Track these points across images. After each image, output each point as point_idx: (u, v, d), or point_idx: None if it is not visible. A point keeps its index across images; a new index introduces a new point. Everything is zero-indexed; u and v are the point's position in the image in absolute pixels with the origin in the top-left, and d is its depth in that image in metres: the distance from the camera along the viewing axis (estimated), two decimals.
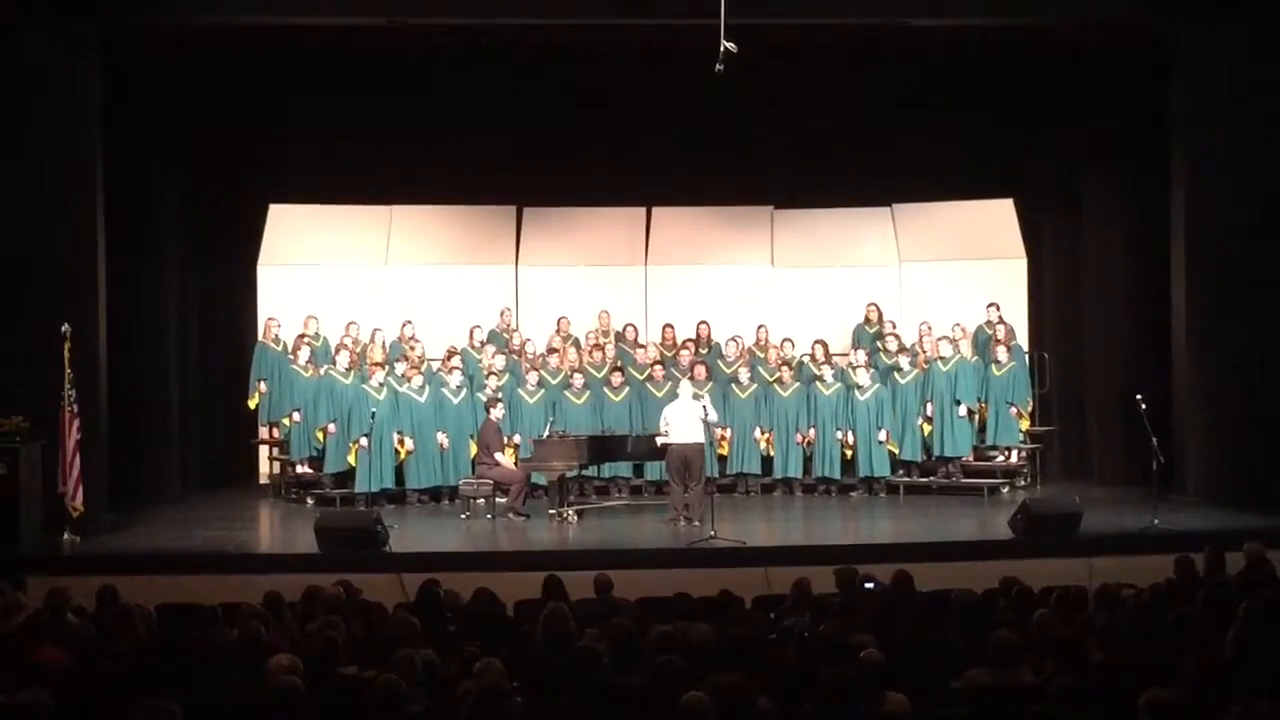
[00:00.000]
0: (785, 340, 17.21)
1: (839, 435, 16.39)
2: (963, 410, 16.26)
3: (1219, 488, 15.07)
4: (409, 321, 17.17)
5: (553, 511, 14.97)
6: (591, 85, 17.69)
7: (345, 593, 9.29)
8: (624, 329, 17.69)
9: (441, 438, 15.97)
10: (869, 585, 9.45)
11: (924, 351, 16.81)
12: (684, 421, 14.45)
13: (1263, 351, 15.01)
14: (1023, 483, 16.67)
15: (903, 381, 16.45)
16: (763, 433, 16.55)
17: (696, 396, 14.81)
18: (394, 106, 17.72)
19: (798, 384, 16.63)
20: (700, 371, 16.19)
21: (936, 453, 16.47)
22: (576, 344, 17.31)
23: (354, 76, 17.41)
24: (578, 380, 16.42)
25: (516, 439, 16.09)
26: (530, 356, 16.86)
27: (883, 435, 16.28)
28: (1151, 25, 15.68)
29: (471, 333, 17.19)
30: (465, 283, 18.06)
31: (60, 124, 14.41)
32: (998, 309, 17.04)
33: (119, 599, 9.07)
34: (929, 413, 16.37)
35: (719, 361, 17.08)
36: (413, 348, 16.74)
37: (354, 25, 15.57)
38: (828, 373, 16.61)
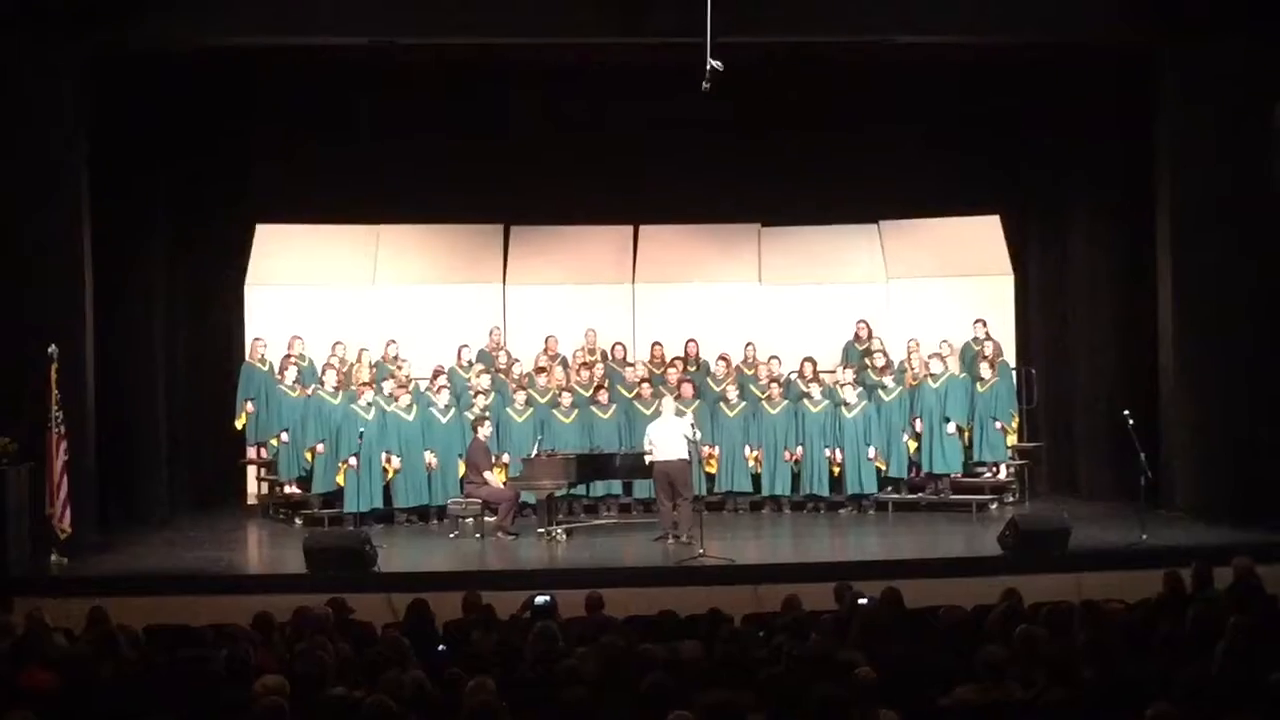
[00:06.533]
0: (772, 358, 17.17)
1: (827, 453, 16.37)
2: (952, 427, 16.24)
3: (1207, 503, 15.08)
4: (393, 341, 17.14)
5: (542, 530, 14.94)
6: (578, 104, 17.78)
7: (335, 612, 9.26)
8: (612, 348, 17.65)
9: (429, 457, 15.93)
10: (862, 600, 9.44)
11: (911, 368, 16.82)
12: (667, 439, 14.47)
13: (1249, 366, 15.03)
14: (1011, 499, 16.68)
15: (887, 399, 16.44)
16: (751, 451, 16.54)
17: (680, 414, 14.84)
18: (381, 126, 17.80)
19: (786, 402, 16.60)
20: (687, 390, 16.18)
21: (926, 469, 16.46)
22: (564, 363, 17.28)
23: (341, 96, 17.51)
24: (566, 399, 16.37)
25: (505, 458, 16.05)
26: (516, 376, 16.83)
27: (871, 453, 16.27)
28: (1138, 43, 15.72)
29: (459, 352, 17.16)
30: (453, 302, 18.02)
31: (46, 145, 14.38)
32: (984, 325, 17.07)
33: (108, 620, 9.02)
34: (917, 429, 16.37)
35: (708, 380, 17.07)
36: (399, 367, 16.71)
37: (339, 45, 15.59)
38: (815, 390, 16.57)
